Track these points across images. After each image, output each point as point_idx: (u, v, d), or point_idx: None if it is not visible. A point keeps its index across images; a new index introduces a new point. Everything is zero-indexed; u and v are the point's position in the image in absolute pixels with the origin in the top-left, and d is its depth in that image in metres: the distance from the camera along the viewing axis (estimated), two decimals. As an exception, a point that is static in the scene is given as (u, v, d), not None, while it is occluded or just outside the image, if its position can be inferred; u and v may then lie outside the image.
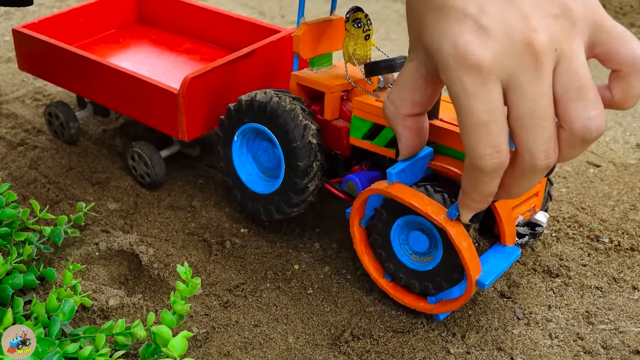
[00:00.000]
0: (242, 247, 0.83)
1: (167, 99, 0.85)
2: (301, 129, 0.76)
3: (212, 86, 0.87)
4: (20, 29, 1.01)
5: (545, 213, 0.76)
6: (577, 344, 0.71)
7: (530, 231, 0.75)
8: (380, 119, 0.75)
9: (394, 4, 1.51)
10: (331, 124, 0.80)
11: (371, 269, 0.75)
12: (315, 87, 0.80)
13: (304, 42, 0.79)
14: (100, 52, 1.08)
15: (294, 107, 0.77)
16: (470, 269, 0.65)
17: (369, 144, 0.77)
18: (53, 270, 0.74)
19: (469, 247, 0.65)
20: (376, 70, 0.74)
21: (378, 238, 0.73)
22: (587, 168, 0.99)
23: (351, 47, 0.77)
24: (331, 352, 0.69)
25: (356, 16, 0.77)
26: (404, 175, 0.69)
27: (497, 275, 0.68)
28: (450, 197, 0.68)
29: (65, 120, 1.01)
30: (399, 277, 0.73)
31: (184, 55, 1.07)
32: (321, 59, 0.82)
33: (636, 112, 1.14)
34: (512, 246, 0.71)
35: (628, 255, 0.83)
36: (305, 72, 0.81)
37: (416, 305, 0.72)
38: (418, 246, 0.71)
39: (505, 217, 0.69)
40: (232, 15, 1.06)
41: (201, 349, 0.69)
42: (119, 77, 0.90)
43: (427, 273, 0.70)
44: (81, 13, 1.10)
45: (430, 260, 0.70)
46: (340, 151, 0.80)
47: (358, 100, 0.76)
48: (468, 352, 0.70)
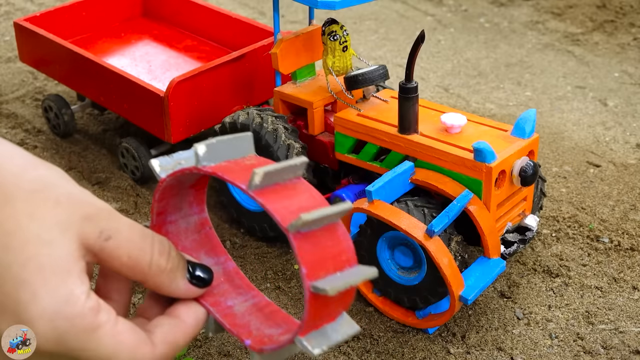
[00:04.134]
0: (242, 247, 0.83)
1: (154, 100, 0.85)
2: (285, 149, 0.76)
3: (199, 89, 0.86)
4: (22, 22, 1.01)
5: (535, 217, 0.75)
6: (577, 344, 0.71)
7: (520, 237, 0.74)
8: (362, 134, 0.75)
9: (394, 4, 1.51)
10: (317, 138, 0.80)
11: (360, 285, 0.75)
12: (297, 103, 0.80)
13: (283, 59, 0.79)
14: (100, 46, 1.08)
15: (277, 127, 0.77)
16: (452, 285, 0.65)
17: (353, 158, 0.77)
18: (53, 270, 0.74)
19: (450, 263, 0.65)
20: (355, 84, 0.74)
21: (365, 255, 0.72)
22: (587, 168, 0.99)
23: (330, 61, 0.77)
24: (331, 352, 0.69)
25: (331, 29, 0.77)
26: (383, 192, 0.69)
27: (481, 289, 0.67)
28: (431, 212, 0.68)
29: (58, 108, 1.02)
30: (388, 292, 0.73)
31: (183, 53, 1.07)
32: (303, 71, 0.82)
33: (636, 112, 1.14)
34: (496, 259, 0.70)
35: (628, 255, 0.83)
36: (288, 88, 0.81)
37: (405, 320, 0.72)
38: (404, 261, 0.71)
39: (488, 230, 0.69)
40: (232, 15, 1.06)
41: (201, 349, 0.69)
42: (110, 75, 0.90)
43: (414, 287, 0.70)
44: (84, 7, 1.10)
45: (417, 274, 0.70)
46: (328, 164, 0.80)
47: (339, 117, 0.76)
48: (468, 352, 0.70)
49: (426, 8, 1.51)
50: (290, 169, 0.48)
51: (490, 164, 0.67)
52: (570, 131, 1.08)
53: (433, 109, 0.77)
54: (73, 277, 0.44)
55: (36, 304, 0.44)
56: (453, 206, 0.67)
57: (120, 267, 0.46)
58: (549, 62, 1.30)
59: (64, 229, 0.44)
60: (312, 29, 0.82)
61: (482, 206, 0.68)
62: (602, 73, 1.26)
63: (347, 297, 0.48)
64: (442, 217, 0.65)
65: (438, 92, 1.19)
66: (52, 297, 0.44)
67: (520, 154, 0.70)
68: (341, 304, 0.50)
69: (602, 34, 1.41)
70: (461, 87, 1.21)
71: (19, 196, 0.44)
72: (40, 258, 0.44)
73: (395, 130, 0.73)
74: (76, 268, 0.44)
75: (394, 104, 0.77)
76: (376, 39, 1.36)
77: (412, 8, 1.50)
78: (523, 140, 0.71)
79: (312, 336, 0.48)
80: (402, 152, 0.72)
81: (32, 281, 0.44)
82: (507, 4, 1.55)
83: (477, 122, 0.75)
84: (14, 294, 0.44)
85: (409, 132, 0.72)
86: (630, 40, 1.38)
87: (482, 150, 0.66)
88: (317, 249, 0.48)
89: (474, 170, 0.68)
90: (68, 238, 0.44)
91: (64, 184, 0.45)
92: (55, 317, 0.44)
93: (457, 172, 0.69)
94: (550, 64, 1.29)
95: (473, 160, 0.67)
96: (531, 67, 1.28)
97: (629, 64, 1.29)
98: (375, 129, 0.74)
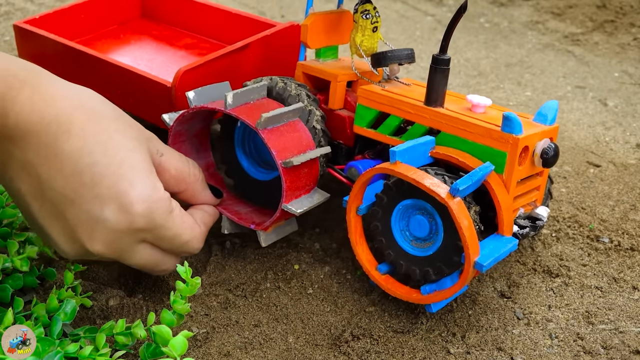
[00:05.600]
0: (242, 247, 0.83)
1: (161, 91, 0.85)
2: (306, 114, 0.76)
3: (205, 79, 0.87)
4: (21, 24, 1.01)
5: (546, 208, 0.76)
6: (577, 344, 0.71)
7: (531, 224, 0.74)
8: (386, 107, 0.75)
9: (394, 4, 1.51)
10: (335, 113, 0.80)
11: (364, 260, 0.75)
12: (321, 76, 0.80)
13: (312, 32, 0.80)
14: (100, 47, 1.08)
15: (300, 92, 0.77)
16: (470, 248, 0.65)
17: (373, 132, 0.77)
18: (53, 270, 0.74)
19: (469, 226, 0.65)
20: (383, 60, 0.75)
21: (378, 225, 0.73)
22: (587, 168, 0.99)
23: (358, 38, 0.78)
24: (331, 352, 0.69)
25: (365, 7, 0.77)
26: (406, 156, 0.69)
27: (495, 259, 0.67)
28: (451, 180, 0.68)
29: None
30: (399, 265, 0.72)
31: (183, 51, 1.07)
32: (327, 51, 0.83)
33: (636, 112, 1.14)
34: (509, 237, 0.71)
35: (628, 255, 0.83)
36: (311, 62, 0.82)
37: (409, 297, 0.72)
38: (419, 231, 0.71)
39: (505, 207, 0.69)
40: (231, 11, 1.06)
41: (201, 349, 0.69)
42: (114, 70, 0.90)
43: (427, 258, 0.70)
44: (83, 9, 1.10)
45: (431, 245, 0.70)
46: (343, 140, 0.81)
47: (364, 88, 0.76)
48: (468, 352, 0.70)
49: (426, 8, 1.51)
50: (255, 90, 0.75)
51: (518, 136, 0.67)
52: (570, 131, 1.09)
53: (456, 95, 0.79)
54: (154, 174, 0.63)
55: (134, 191, 0.60)
56: (476, 172, 0.67)
57: (169, 178, 0.67)
58: (549, 62, 1.30)
59: (139, 143, 0.62)
60: (342, 11, 0.82)
61: (501, 182, 0.69)
62: (602, 73, 1.26)
63: (312, 171, 0.75)
64: (466, 179, 0.66)
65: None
66: (145, 185, 0.61)
67: (543, 135, 0.71)
68: (309, 177, 0.75)
69: (602, 34, 1.41)
70: (461, 87, 1.21)
71: (107, 117, 0.62)
72: (130, 160, 0.61)
73: (420, 103, 0.73)
74: (153, 169, 0.63)
75: (415, 87, 0.78)
76: (376, 39, 1.36)
77: (412, 8, 1.50)
78: (545, 125, 0.72)
79: (294, 202, 0.73)
80: (426, 124, 0.73)
81: (128, 175, 0.60)
82: (507, 4, 1.55)
83: (499, 109, 0.76)
84: (115, 185, 0.60)
85: (436, 105, 0.72)
86: (630, 40, 1.38)
87: (512, 120, 0.67)
88: (282, 138, 0.72)
89: (500, 141, 0.68)
90: (143, 149, 0.63)
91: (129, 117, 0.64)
92: (148, 199, 0.61)
93: (482, 144, 0.69)
94: (550, 64, 1.29)
95: (500, 131, 0.68)
96: (531, 67, 1.28)
97: (629, 64, 1.29)
98: (400, 101, 0.74)
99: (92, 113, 0.61)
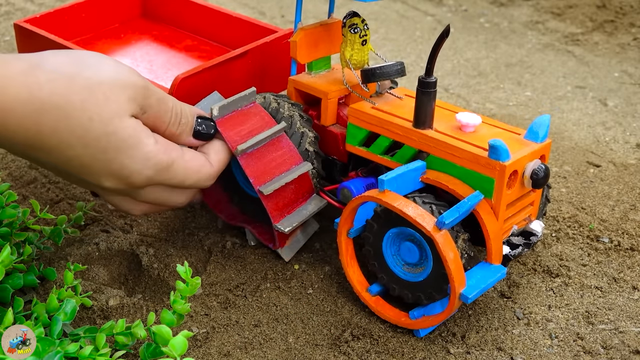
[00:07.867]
0: (242, 247, 0.83)
1: None
2: (298, 136, 0.76)
3: (203, 86, 0.86)
4: (22, 24, 1.01)
5: (540, 222, 0.76)
6: (577, 344, 0.71)
7: (525, 241, 0.74)
8: (376, 127, 0.75)
9: (394, 4, 1.51)
10: (328, 129, 0.80)
11: (355, 282, 0.75)
12: (312, 92, 0.79)
13: (301, 47, 0.79)
14: (100, 47, 1.08)
15: (292, 113, 0.77)
16: (455, 281, 0.65)
17: (364, 151, 0.77)
18: (53, 270, 0.74)
19: (455, 259, 0.65)
20: (372, 77, 0.74)
21: (370, 250, 0.73)
22: (587, 168, 0.99)
23: (348, 53, 0.77)
24: (331, 352, 0.69)
25: (352, 22, 0.77)
26: (395, 184, 0.69)
27: (481, 291, 0.67)
28: (439, 209, 0.68)
29: None
30: (392, 288, 0.73)
31: (183, 52, 1.07)
32: (319, 62, 0.82)
33: (636, 112, 1.14)
34: (497, 265, 0.70)
35: (628, 255, 0.83)
36: (303, 77, 0.81)
37: (397, 321, 0.72)
38: (409, 257, 0.71)
39: (493, 235, 0.69)
40: (232, 14, 1.06)
41: (201, 349, 0.69)
42: None
43: (419, 284, 0.70)
44: (83, 8, 1.10)
45: (422, 271, 0.70)
46: (337, 156, 0.80)
47: (353, 108, 0.76)
48: (468, 352, 0.70)
49: (426, 8, 1.51)
50: (244, 98, 0.76)
51: (504, 163, 0.67)
52: (570, 131, 1.09)
53: (447, 108, 0.78)
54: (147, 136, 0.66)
55: (134, 163, 0.65)
56: (463, 203, 0.67)
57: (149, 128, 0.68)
58: (549, 62, 1.30)
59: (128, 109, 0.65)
60: (331, 22, 0.82)
61: (490, 211, 0.69)
62: (602, 73, 1.26)
63: (302, 184, 0.77)
64: (452, 212, 0.66)
65: (438, 92, 1.19)
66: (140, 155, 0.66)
67: (533, 156, 0.70)
68: (298, 192, 0.76)
69: (602, 34, 1.41)
70: (461, 87, 1.21)
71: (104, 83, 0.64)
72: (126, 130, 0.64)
73: (409, 124, 0.73)
74: (145, 128, 0.66)
75: (407, 101, 0.77)
76: (376, 39, 1.36)
77: (412, 8, 1.50)
78: (536, 143, 0.71)
79: (283, 221, 0.75)
80: (415, 146, 0.72)
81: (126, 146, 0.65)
82: (507, 4, 1.55)
83: (490, 124, 0.75)
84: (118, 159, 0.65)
85: (424, 127, 0.72)
86: (630, 40, 1.38)
87: (498, 148, 0.66)
88: (262, 160, 0.74)
89: (488, 167, 0.68)
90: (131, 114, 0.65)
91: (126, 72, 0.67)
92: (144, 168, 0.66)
93: (470, 169, 0.69)
94: (550, 64, 1.29)
95: (487, 157, 0.68)
96: (531, 67, 1.28)
97: (629, 64, 1.29)
98: (389, 122, 0.74)
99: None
